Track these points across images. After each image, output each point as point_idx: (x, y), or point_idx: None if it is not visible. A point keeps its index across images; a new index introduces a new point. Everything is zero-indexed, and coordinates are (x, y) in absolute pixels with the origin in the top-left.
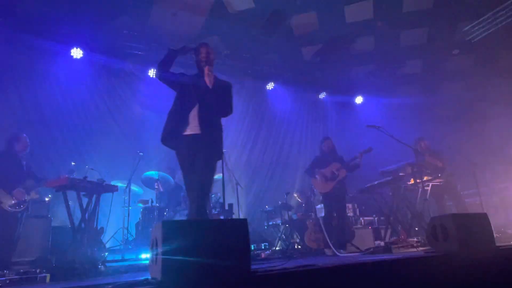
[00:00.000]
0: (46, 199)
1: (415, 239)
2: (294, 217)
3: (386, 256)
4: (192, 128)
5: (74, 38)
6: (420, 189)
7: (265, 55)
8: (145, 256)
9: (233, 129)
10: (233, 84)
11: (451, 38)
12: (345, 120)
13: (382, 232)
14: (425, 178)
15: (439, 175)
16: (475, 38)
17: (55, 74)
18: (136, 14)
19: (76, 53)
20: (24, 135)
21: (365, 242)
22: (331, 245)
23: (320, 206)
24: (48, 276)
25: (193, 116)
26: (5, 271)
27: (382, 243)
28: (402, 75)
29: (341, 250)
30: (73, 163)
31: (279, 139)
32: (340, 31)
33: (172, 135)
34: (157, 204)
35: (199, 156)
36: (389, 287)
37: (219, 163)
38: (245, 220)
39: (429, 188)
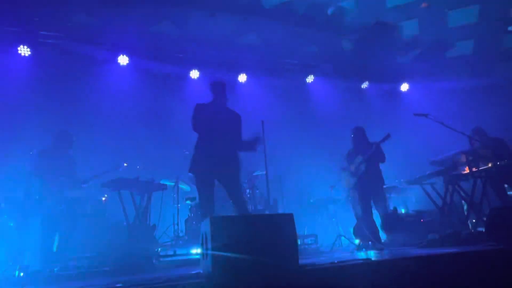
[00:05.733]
0: (103, 198)
1: (473, 232)
2: (339, 210)
3: (441, 250)
4: None
5: (120, 46)
6: (476, 179)
7: (303, 47)
8: (196, 251)
9: (275, 124)
10: (273, 80)
11: (505, 13)
12: (391, 109)
13: (436, 224)
14: (482, 167)
15: (498, 163)
16: None
17: (105, 80)
18: (176, 17)
19: (123, 59)
20: (68, 131)
21: (417, 235)
22: (372, 239)
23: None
24: (107, 270)
25: None
26: (67, 266)
27: (436, 236)
28: (451, 58)
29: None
30: (125, 164)
31: (322, 132)
32: (382, 16)
33: None
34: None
35: None
36: (444, 283)
37: (262, 158)
38: (291, 214)
39: (486, 177)
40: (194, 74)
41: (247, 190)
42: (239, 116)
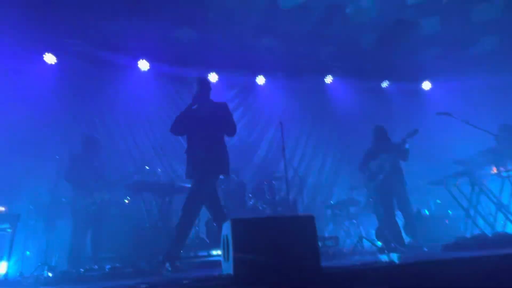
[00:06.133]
0: (126, 200)
1: (500, 234)
2: (360, 211)
3: (467, 253)
4: None
5: (141, 52)
6: (504, 179)
7: (322, 48)
8: (216, 252)
9: (294, 126)
10: (291, 81)
11: None
12: (412, 108)
13: (461, 226)
14: (510, 167)
15: None
16: None
17: (126, 86)
18: (195, 22)
19: (143, 65)
20: (97, 137)
21: (442, 238)
22: (394, 241)
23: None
24: (131, 271)
25: None
26: (94, 267)
27: (462, 239)
28: (474, 55)
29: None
30: (147, 167)
31: (342, 133)
32: (402, 13)
33: None
34: (224, 203)
35: None
36: None
37: (281, 159)
38: (312, 216)
39: None
40: (213, 77)
41: (266, 191)
42: (223, 104)
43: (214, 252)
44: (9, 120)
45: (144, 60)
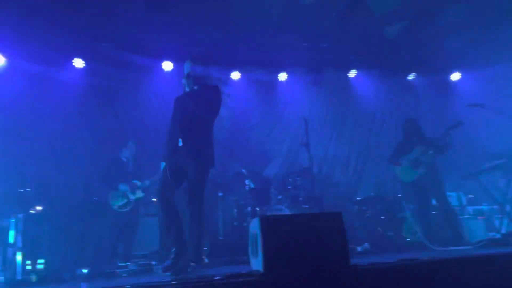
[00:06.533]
0: (154, 199)
1: None
2: (387, 207)
3: (502, 250)
4: None
5: (165, 52)
6: None
7: (344, 41)
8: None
9: (318, 122)
10: (314, 76)
11: None
12: (441, 101)
13: (495, 222)
14: None
15: None
16: None
17: (152, 87)
18: (217, 22)
19: (167, 65)
20: (130, 142)
21: (476, 234)
22: (424, 239)
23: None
24: (163, 267)
25: None
26: (127, 263)
27: (496, 235)
28: (507, 41)
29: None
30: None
31: (367, 128)
32: (425, 2)
33: None
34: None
35: None
36: (506, 285)
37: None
38: (339, 213)
39: None
40: (236, 75)
41: (291, 188)
42: (202, 89)
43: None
44: (44, 123)
45: (168, 62)
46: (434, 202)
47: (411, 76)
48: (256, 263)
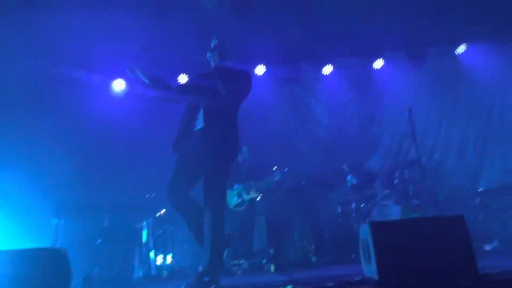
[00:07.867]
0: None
1: None
2: None
3: None
4: None
5: (256, 57)
6: None
7: (450, 13)
8: None
9: (424, 110)
10: (414, 59)
11: None
12: None
13: None
14: None
15: None
16: None
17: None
18: (303, 19)
19: (260, 69)
20: (244, 149)
21: None
22: None
23: None
24: (272, 266)
25: None
26: (240, 261)
27: None
28: None
29: None
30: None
31: (487, 106)
32: None
33: None
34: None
35: None
36: None
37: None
38: (461, 216)
39: None
40: (328, 70)
41: (397, 182)
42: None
43: None
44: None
45: (261, 65)
46: None
47: None
48: (369, 269)
